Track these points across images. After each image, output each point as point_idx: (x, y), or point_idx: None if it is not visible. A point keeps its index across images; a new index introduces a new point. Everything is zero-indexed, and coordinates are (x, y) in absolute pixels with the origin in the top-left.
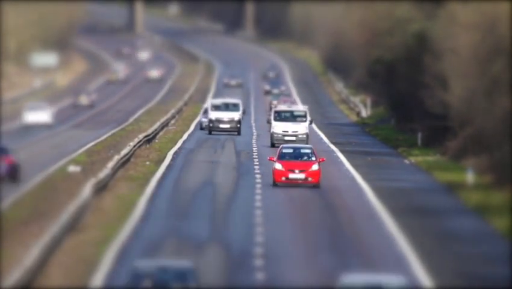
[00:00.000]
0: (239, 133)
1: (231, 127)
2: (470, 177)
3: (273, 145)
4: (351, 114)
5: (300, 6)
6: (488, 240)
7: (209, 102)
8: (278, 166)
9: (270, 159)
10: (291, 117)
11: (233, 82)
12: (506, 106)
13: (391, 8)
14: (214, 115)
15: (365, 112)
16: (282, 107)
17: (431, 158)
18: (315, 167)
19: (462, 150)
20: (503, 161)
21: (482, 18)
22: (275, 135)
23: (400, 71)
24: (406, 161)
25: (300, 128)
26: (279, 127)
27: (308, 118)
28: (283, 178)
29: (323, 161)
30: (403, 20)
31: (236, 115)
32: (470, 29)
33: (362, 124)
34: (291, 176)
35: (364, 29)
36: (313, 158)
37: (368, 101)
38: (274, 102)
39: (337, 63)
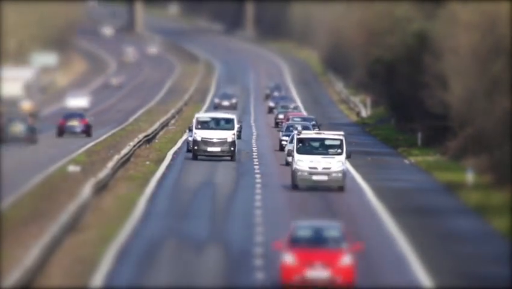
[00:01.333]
0: (233, 159)
1: (222, 151)
2: (470, 177)
3: (295, 186)
4: (351, 114)
5: (300, 6)
6: (488, 240)
7: (195, 117)
8: (289, 258)
9: (277, 247)
10: (322, 147)
11: (225, 103)
12: (506, 106)
13: (391, 8)
14: (200, 134)
15: (365, 112)
16: (309, 134)
17: (431, 158)
18: (346, 260)
19: (462, 150)
20: (503, 161)
21: (482, 18)
22: (299, 174)
23: (400, 71)
24: (406, 161)
25: (335, 164)
26: (304, 162)
27: (345, 148)
28: (297, 277)
29: (359, 249)
30: (403, 20)
31: (229, 135)
32: (470, 29)
33: (362, 124)
34: (310, 274)
35: (364, 29)
36: (343, 245)
37: (368, 101)
38: (281, 116)
39: (336, 63)
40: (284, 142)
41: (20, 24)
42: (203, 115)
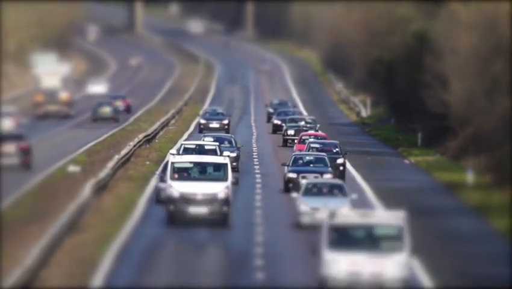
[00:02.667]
0: (226, 224)
1: (210, 213)
2: (470, 177)
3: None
4: (351, 114)
5: (300, 6)
6: (488, 240)
7: (170, 158)
8: None
9: None
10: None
11: (214, 124)
12: (506, 106)
13: (391, 8)
14: (177, 187)
15: (365, 112)
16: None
17: (431, 157)
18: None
19: (462, 150)
20: (503, 161)
21: (482, 18)
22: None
23: (400, 71)
24: (406, 161)
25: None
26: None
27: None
28: None
29: None
30: (403, 20)
31: (220, 189)
32: (470, 29)
33: (362, 124)
34: None
35: (364, 29)
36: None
37: (368, 101)
38: (290, 132)
39: (336, 63)
40: (290, 176)
41: (20, 24)
42: (181, 159)
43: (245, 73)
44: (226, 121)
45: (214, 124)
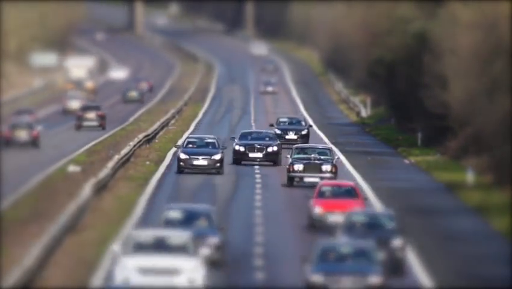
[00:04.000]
0: None
1: None
2: (470, 177)
3: None
4: (351, 114)
5: (300, 6)
6: (488, 240)
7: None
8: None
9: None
10: None
11: (201, 162)
12: (506, 106)
13: (391, 8)
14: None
15: (365, 112)
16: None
17: (431, 157)
18: None
19: (462, 150)
20: (503, 161)
21: (482, 18)
22: None
23: (400, 71)
24: (406, 161)
25: None
26: None
27: None
28: None
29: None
30: (403, 20)
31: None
32: (471, 29)
33: (362, 124)
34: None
35: (364, 29)
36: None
37: (368, 101)
38: (298, 167)
39: (336, 63)
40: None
41: (20, 25)
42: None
43: (245, 73)
44: (218, 156)
45: (201, 162)
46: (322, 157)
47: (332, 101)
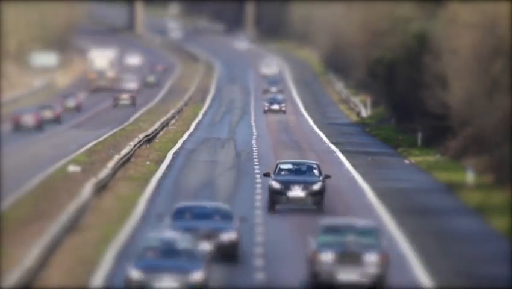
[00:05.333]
0: None
1: None
2: (470, 177)
3: None
4: (351, 114)
5: (300, 6)
6: (488, 240)
7: None
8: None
9: None
10: None
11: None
12: (506, 106)
13: (391, 8)
14: None
15: (365, 112)
16: None
17: (431, 157)
18: None
19: (462, 150)
20: (503, 161)
21: (482, 18)
22: None
23: (400, 72)
24: (406, 161)
25: None
26: None
27: None
28: None
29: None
30: (403, 20)
31: None
32: (470, 29)
33: (362, 124)
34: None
35: (364, 29)
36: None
37: (368, 101)
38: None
39: (337, 63)
40: None
41: (20, 24)
42: None
43: (245, 73)
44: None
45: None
46: (363, 240)
47: (332, 101)
